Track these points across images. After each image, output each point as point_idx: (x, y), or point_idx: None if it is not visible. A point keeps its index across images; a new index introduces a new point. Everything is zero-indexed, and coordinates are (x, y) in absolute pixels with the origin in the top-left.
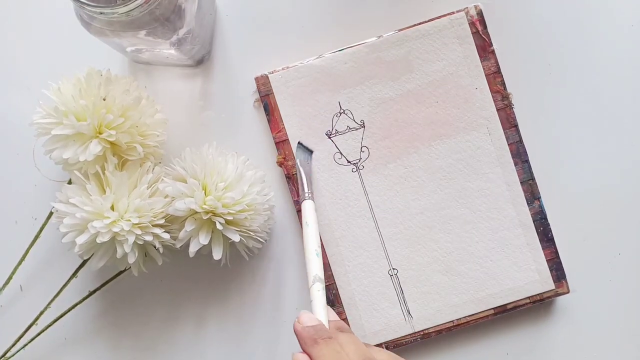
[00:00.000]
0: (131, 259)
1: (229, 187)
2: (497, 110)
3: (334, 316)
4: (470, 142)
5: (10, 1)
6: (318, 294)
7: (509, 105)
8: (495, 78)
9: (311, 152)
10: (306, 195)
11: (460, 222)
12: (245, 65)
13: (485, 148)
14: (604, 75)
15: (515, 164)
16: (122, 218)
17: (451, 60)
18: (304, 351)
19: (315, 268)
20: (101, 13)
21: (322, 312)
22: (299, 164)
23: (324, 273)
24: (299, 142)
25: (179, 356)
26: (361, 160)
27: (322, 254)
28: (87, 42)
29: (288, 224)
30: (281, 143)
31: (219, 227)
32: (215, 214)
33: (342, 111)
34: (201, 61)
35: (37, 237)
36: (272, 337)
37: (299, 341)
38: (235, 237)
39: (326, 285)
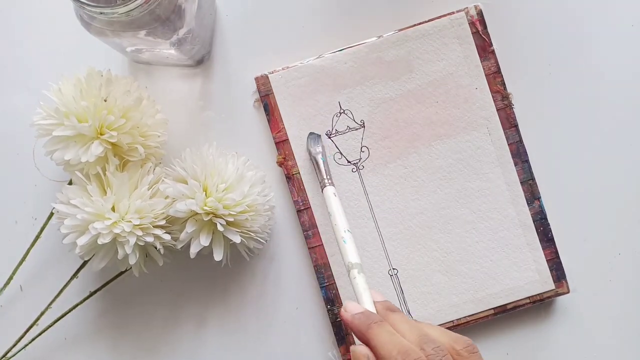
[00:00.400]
0: (132, 260)
1: (229, 188)
2: (497, 110)
3: (380, 297)
4: (470, 142)
5: (10, 1)
6: (355, 280)
7: (509, 105)
8: (495, 78)
9: (319, 135)
10: (326, 182)
11: (460, 222)
12: (245, 65)
13: (485, 148)
14: (604, 75)
15: (515, 164)
16: (123, 219)
17: (451, 60)
18: (360, 339)
19: (346, 255)
20: (101, 13)
21: (364, 297)
22: (313, 153)
23: (326, 272)
24: (309, 134)
25: (180, 356)
26: (361, 160)
27: (323, 254)
28: (87, 42)
29: (288, 224)
30: (281, 143)
31: (220, 228)
32: (216, 215)
33: (342, 111)
34: (201, 61)
35: (37, 237)
36: (272, 337)
37: (352, 330)
38: (236, 238)
39: (326, 285)
